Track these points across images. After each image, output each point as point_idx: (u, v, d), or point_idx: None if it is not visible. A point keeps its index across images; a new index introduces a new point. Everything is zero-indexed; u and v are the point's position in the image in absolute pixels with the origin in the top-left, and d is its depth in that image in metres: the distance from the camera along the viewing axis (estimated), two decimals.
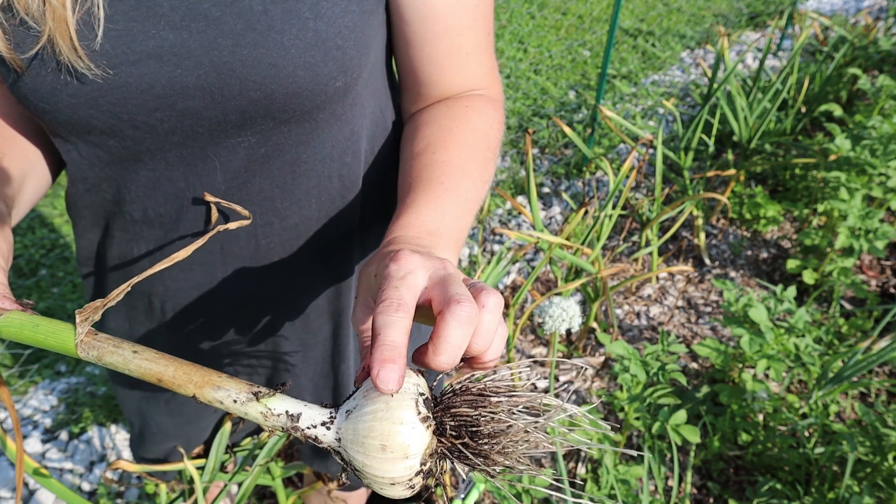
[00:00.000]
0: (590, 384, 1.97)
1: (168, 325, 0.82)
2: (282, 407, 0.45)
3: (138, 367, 0.47)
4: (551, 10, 4.29)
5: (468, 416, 0.43)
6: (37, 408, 1.92)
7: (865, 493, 1.30)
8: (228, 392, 0.46)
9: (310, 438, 0.45)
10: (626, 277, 2.25)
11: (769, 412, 1.68)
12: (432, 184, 0.63)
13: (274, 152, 0.67)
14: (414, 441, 0.42)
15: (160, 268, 0.52)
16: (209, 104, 0.61)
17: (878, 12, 4.37)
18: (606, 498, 1.24)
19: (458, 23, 0.67)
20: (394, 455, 0.42)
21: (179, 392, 0.47)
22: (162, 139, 0.64)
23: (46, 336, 0.49)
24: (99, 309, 0.49)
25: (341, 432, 0.44)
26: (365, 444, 0.42)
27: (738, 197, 2.56)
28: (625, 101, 3.43)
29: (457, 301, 0.43)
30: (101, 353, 0.48)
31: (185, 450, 0.99)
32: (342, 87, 0.64)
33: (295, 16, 0.59)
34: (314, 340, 0.86)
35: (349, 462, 0.44)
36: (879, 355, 1.46)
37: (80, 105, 0.60)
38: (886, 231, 1.92)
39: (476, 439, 0.43)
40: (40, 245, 2.54)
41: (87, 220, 0.75)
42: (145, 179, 0.68)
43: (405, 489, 0.44)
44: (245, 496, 0.99)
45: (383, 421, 0.42)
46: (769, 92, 2.26)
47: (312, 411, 0.45)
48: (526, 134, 1.49)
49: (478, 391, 0.44)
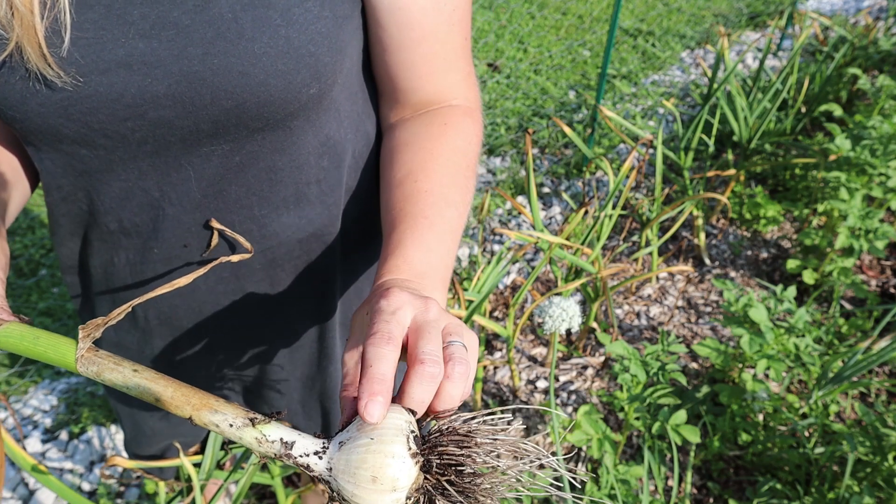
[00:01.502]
0: (590, 384, 1.97)
1: (151, 331, 0.81)
2: (276, 434, 0.47)
3: (137, 386, 0.48)
4: (551, 10, 4.29)
5: (454, 455, 0.45)
6: (37, 408, 1.92)
7: (865, 493, 1.30)
8: (225, 416, 0.47)
9: (301, 466, 0.46)
10: (626, 277, 2.25)
11: (769, 412, 1.68)
12: (416, 220, 0.63)
13: (249, 160, 0.67)
14: (403, 475, 0.44)
15: (163, 291, 0.53)
16: (180, 113, 0.60)
17: (878, 12, 4.37)
18: (606, 498, 1.24)
19: (435, 29, 0.66)
20: (383, 486, 0.44)
21: (176, 413, 0.48)
22: (134, 148, 0.63)
23: (46, 349, 0.50)
24: (100, 326, 0.50)
25: (333, 462, 0.46)
26: (357, 474, 0.44)
27: (738, 197, 2.56)
28: (625, 101, 3.43)
29: (421, 362, 0.46)
30: (101, 369, 0.49)
31: (182, 448, 0.99)
32: (316, 93, 0.64)
33: (266, 23, 0.58)
34: (300, 343, 0.86)
35: (338, 492, 0.46)
36: (879, 355, 1.46)
37: (49, 114, 0.59)
38: (886, 231, 1.92)
39: (460, 477, 0.45)
40: (40, 245, 2.54)
41: (66, 228, 0.74)
42: (119, 190, 0.67)
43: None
44: (243, 493, 0.99)
45: (376, 454, 0.44)
46: (769, 92, 2.26)
47: (306, 441, 0.47)
48: (526, 134, 1.49)
49: (464, 433, 0.46)
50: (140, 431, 0.97)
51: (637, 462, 1.69)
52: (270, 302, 0.80)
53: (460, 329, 0.50)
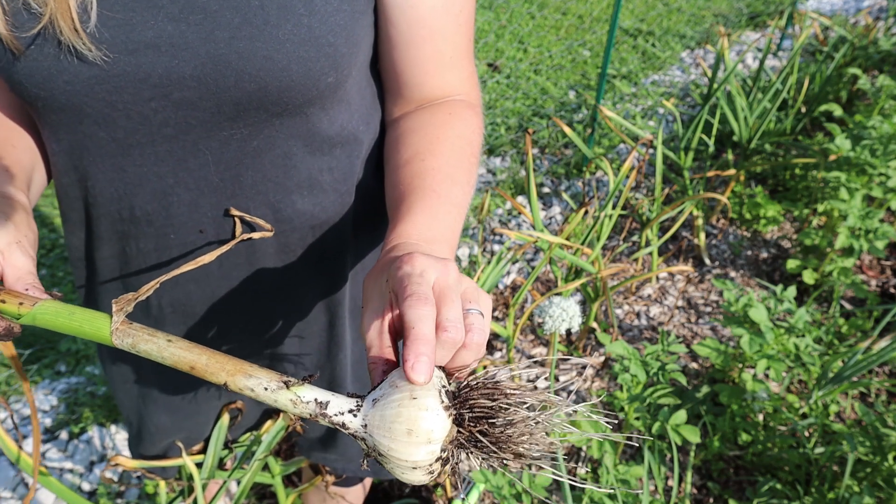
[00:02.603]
0: (590, 384, 1.97)
1: (164, 319, 0.82)
2: (311, 395, 0.48)
3: (172, 356, 0.49)
4: (551, 10, 4.29)
5: (485, 407, 0.46)
6: (37, 407, 1.92)
7: (865, 493, 1.30)
8: (260, 380, 0.48)
9: (336, 425, 0.48)
10: (626, 277, 2.25)
11: (769, 412, 1.68)
12: (425, 192, 0.65)
13: (266, 146, 0.69)
14: (437, 427, 0.45)
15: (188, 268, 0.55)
16: (204, 95, 0.62)
17: (878, 12, 4.37)
18: (606, 498, 1.24)
19: (443, 28, 0.69)
20: (418, 439, 0.45)
21: (210, 380, 0.49)
22: (154, 131, 0.65)
23: (82, 324, 0.51)
24: (132, 301, 0.51)
25: (368, 419, 0.47)
26: (392, 428, 0.46)
27: (738, 197, 2.56)
28: (625, 101, 3.43)
29: (444, 329, 0.48)
30: (136, 340, 0.50)
31: (185, 446, 1.00)
32: (333, 82, 0.66)
33: (290, 11, 0.60)
34: (311, 330, 0.87)
35: (374, 448, 0.47)
36: (879, 355, 1.46)
37: (75, 92, 0.60)
38: (886, 231, 1.92)
39: (492, 428, 0.46)
40: (40, 245, 2.54)
41: (77, 215, 0.75)
42: (133, 175, 0.68)
43: (425, 474, 0.47)
44: (244, 493, 0.99)
45: (410, 407, 0.45)
46: (769, 92, 2.26)
47: (340, 400, 0.48)
48: (526, 134, 1.49)
49: (493, 385, 0.48)
50: (144, 429, 0.97)
51: (637, 462, 1.69)
52: (283, 289, 0.81)
53: (477, 294, 0.52)
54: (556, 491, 1.63)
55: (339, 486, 1.17)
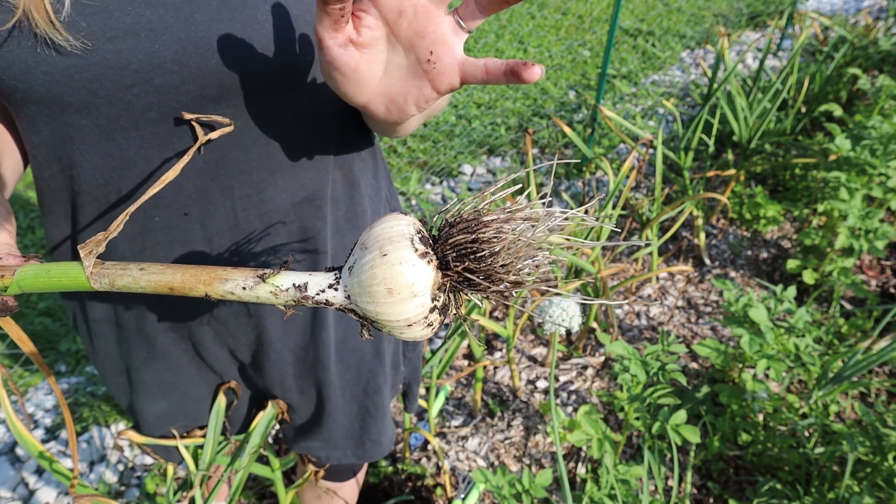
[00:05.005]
0: (590, 384, 1.97)
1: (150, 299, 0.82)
2: (288, 281, 0.46)
3: (149, 282, 0.48)
4: (551, 10, 4.29)
5: (466, 242, 0.43)
6: (37, 406, 1.92)
7: (865, 493, 1.30)
8: (236, 281, 0.47)
9: (321, 304, 0.46)
10: (626, 277, 2.25)
11: (769, 412, 1.68)
12: None
13: (249, 126, 0.69)
14: (417, 278, 0.42)
15: (153, 191, 0.54)
16: (186, 78, 0.63)
17: (878, 12, 4.37)
18: (606, 498, 1.24)
19: None
20: (401, 296, 0.42)
21: (191, 294, 0.48)
22: (137, 116, 0.65)
23: (59, 278, 0.50)
24: (101, 241, 0.50)
25: (349, 288, 0.45)
26: (372, 292, 0.43)
27: (738, 197, 2.56)
28: (625, 101, 3.43)
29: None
30: (112, 278, 0.49)
31: (187, 428, 1.00)
32: (312, 61, 0.67)
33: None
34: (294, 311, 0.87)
35: (364, 316, 0.45)
36: (879, 355, 1.46)
37: (54, 82, 0.60)
38: (886, 231, 1.92)
39: (479, 262, 0.43)
40: (40, 245, 2.54)
41: (60, 206, 0.74)
42: (119, 159, 0.68)
43: (424, 328, 0.44)
44: (241, 484, 0.99)
45: (382, 266, 0.42)
46: (769, 92, 2.26)
47: (318, 278, 0.46)
48: (526, 134, 1.49)
49: (471, 217, 0.44)
50: (143, 420, 0.97)
51: (637, 462, 1.69)
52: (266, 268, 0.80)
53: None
54: (555, 491, 1.63)
55: (330, 480, 1.17)
